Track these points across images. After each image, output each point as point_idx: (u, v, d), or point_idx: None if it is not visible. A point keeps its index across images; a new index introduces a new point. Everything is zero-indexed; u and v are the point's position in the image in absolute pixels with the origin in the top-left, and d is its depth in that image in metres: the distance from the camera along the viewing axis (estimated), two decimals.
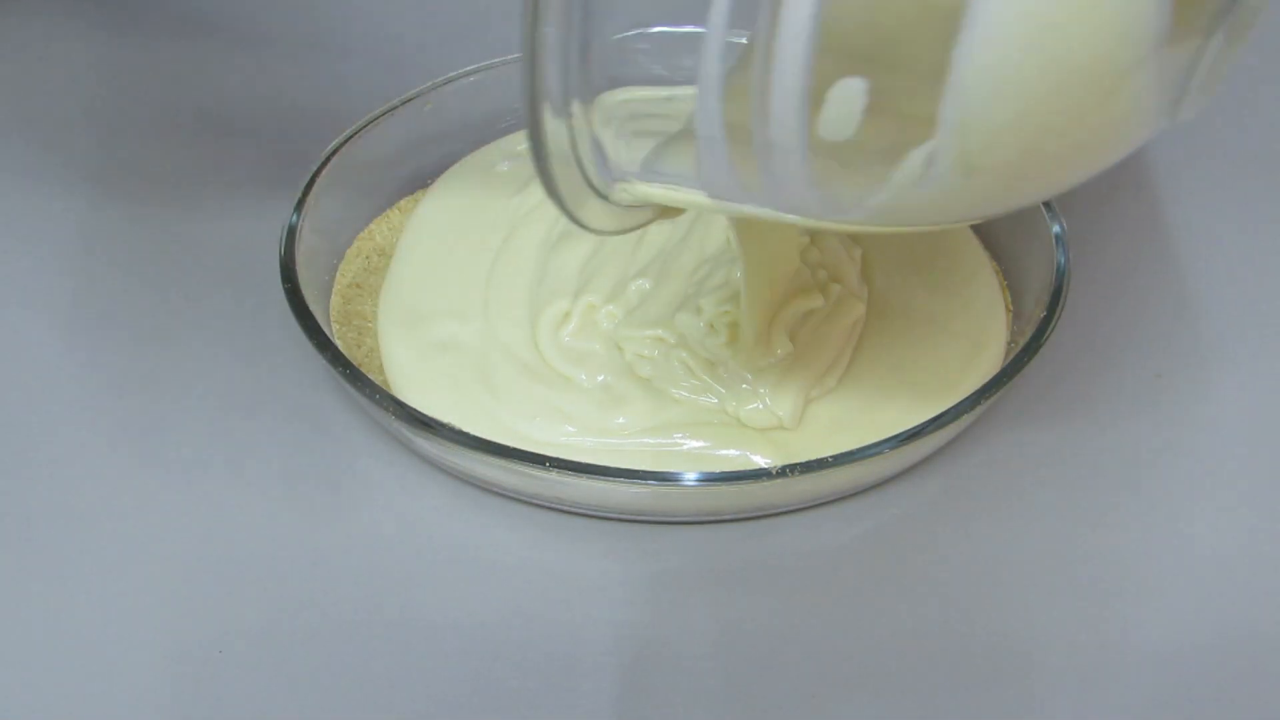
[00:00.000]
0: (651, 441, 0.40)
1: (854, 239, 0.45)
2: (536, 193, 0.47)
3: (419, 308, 0.44)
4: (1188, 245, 0.47)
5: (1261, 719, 0.36)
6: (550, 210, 0.46)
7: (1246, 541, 0.39)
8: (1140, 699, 0.36)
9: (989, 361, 0.42)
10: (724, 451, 0.39)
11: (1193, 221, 0.48)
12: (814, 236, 0.45)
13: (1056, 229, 0.43)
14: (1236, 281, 0.46)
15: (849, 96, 0.30)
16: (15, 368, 0.43)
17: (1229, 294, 0.46)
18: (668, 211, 0.37)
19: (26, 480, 0.40)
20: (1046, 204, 0.43)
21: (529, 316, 0.43)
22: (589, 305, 0.43)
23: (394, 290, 0.44)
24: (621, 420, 0.40)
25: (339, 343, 0.41)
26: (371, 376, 0.39)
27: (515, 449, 0.37)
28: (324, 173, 0.44)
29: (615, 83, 0.34)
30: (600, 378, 0.41)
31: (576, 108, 0.32)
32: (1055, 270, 0.42)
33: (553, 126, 0.32)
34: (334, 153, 0.45)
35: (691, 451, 0.39)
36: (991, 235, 0.46)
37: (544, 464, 0.37)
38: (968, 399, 0.38)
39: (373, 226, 0.47)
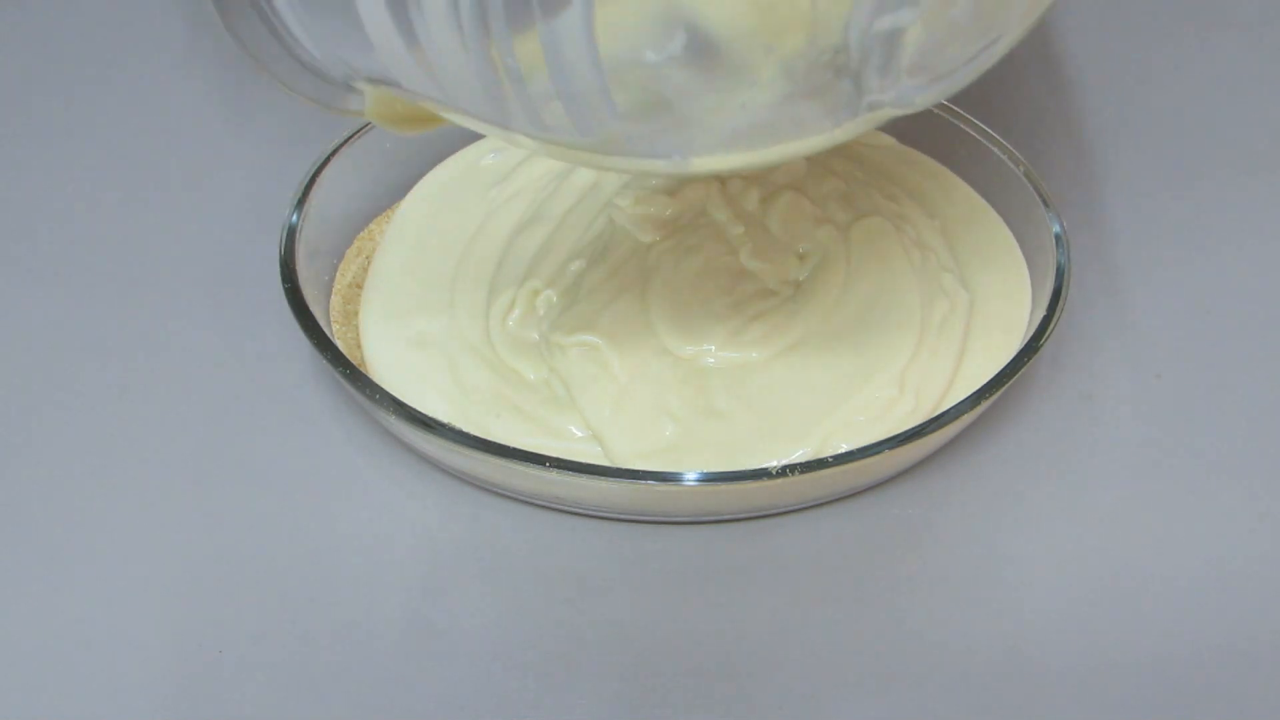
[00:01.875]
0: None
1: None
2: (515, 181, 0.47)
3: (396, 304, 0.43)
4: (1188, 245, 0.47)
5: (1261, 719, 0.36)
6: (525, 198, 0.46)
7: (1246, 541, 0.39)
8: (1140, 699, 0.36)
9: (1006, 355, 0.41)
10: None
11: (1192, 221, 0.48)
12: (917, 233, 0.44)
13: (1056, 229, 0.43)
14: (1236, 281, 0.46)
15: None
16: (15, 367, 0.43)
17: (1229, 294, 0.46)
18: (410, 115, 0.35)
19: (27, 480, 0.40)
20: (1046, 204, 0.43)
21: (485, 307, 0.43)
22: (532, 290, 0.43)
23: (374, 286, 0.44)
24: (573, 428, 0.40)
25: (339, 343, 0.41)
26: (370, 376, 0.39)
27: (515, 449, 0.37)
28: (324, 173, 0.44)
29: None
30: (543, 373, 0.41)
31: None
32: (1055, 270, 0.42)
33: None
34: (334, 152, 0.45)
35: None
36: None
37: (544, 464, 0.37)
38: (968, 399, 0.38)
39: (373, 226, 0.47)
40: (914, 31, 0.31)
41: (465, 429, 0.38)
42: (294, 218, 0.43)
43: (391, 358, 0.42)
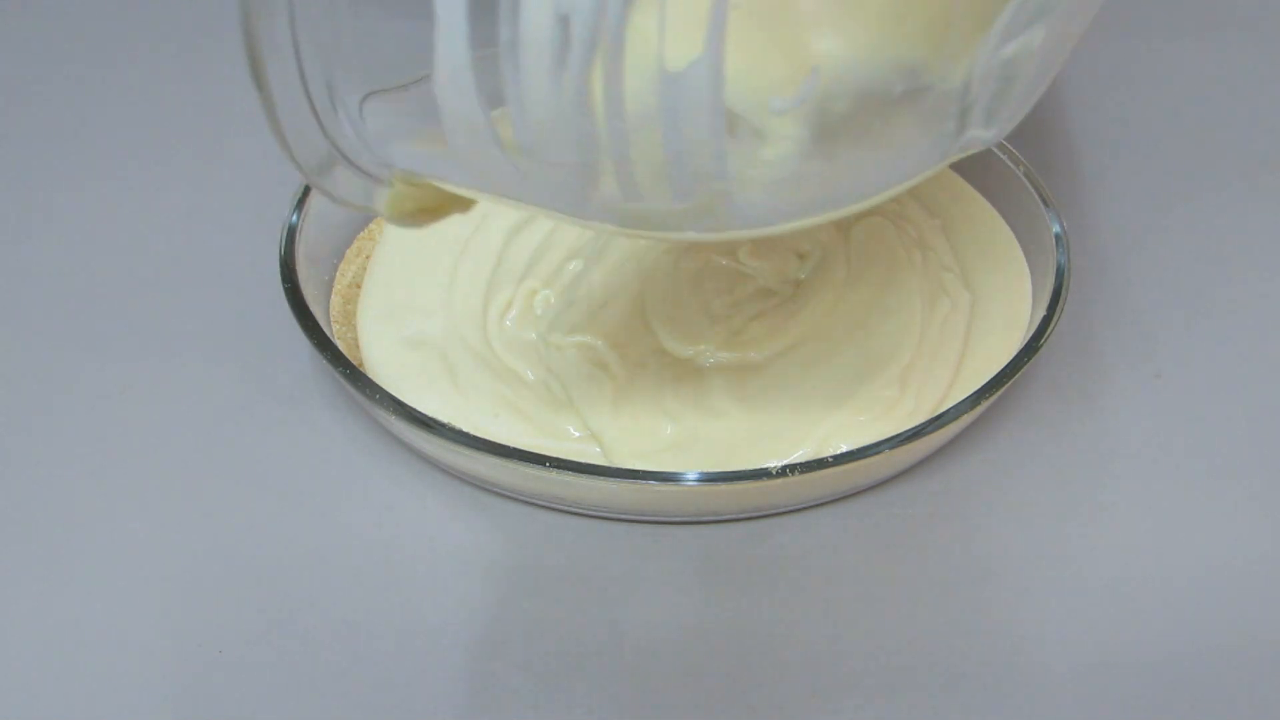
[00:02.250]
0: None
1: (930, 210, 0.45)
2: None
3: (393, 303, 0.43)
4: (1187, 245, 0.47)
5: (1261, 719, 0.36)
6: None
7: (1247, 541, 0.39)
8: (1140, 699, 0.36)
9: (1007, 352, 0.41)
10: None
11: (1192, 221, 0.48)
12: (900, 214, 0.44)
13: (1056, 229, 0.43)
14: (1236, 281, 0.46)
15: None
16: (15, 366, 0.43)
17: (1229, 293, 0.46)
18: (453, 201, 0.34)
19: (27, 480, 0.40)
20: (1046, 203, 0.43)
21: (483, 306, 0.43)
22: (530, 290, 0.43)
23: (372, 286, 0.44)
24: (570, 428, 0.40)
25: (339, 343, 0.41)
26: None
27: (515, 449, 0.37)
28: None
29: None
30: (541, 373, 0.41)
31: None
32: (1055, 270, 0.42)
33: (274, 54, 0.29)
34: None
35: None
36: None
37: (544, 464, 0.37)
38: (967, 399, 0.38)
39: (373, 226, 0.47)
40: (1029, 60, 0.30)
41: (463, 429, 0.38)
42: (294, 218, 0.43)
43: (389, 357, 0.42)
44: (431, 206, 0.34)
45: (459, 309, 0.43)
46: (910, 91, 0.31)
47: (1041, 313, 0.41)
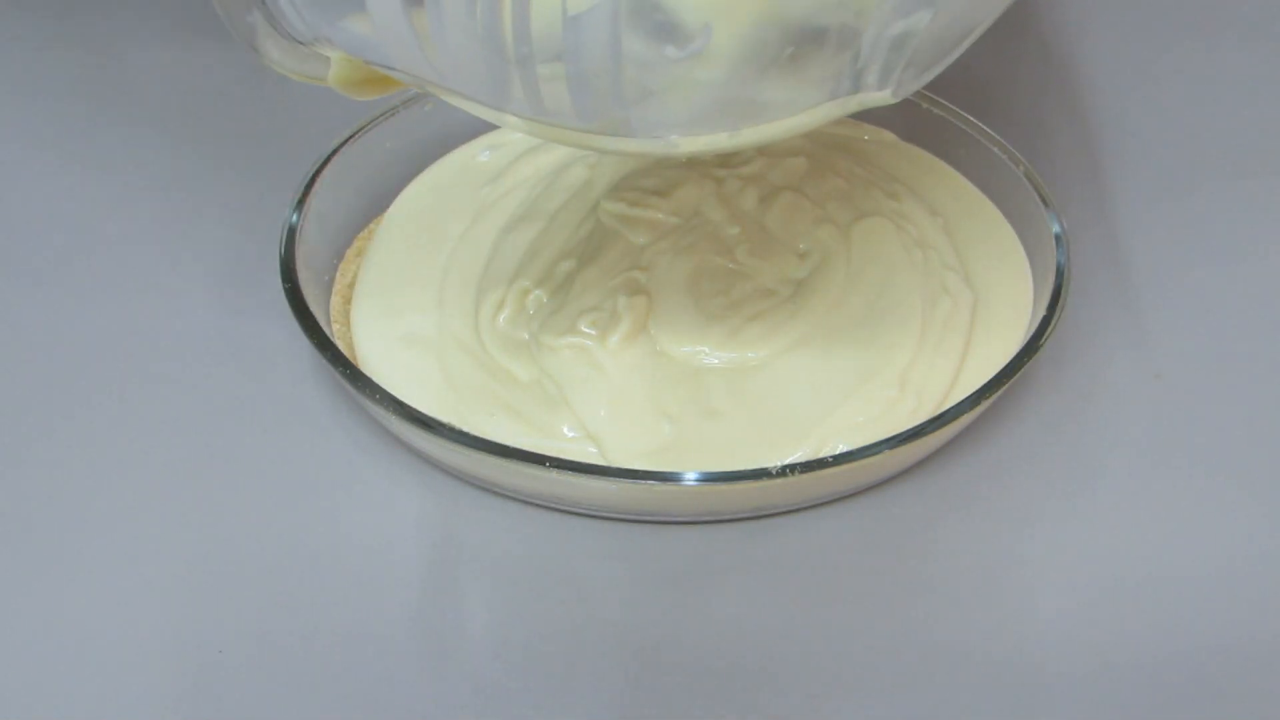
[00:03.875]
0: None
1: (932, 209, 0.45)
2: (507, 179, 0.47)
3: (387, 302, 0.43)
4: (1187, 245, 0.47)
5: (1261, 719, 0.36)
6: (516, 196, 0.46)
7: (1247, 541, 0.39)
8: (1140, 699, 0.36)
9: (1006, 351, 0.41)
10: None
11: (1192, 221, 0.48)
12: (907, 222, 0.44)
13: (1056, 229, 0.43)
14: (1236, 281, 0.46)
15: None
16: (15, 367, 0.43)
17: (1229, 293, 0.46)
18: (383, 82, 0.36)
19: (27, 480, 0.40)
20: (1046, 203, 0.43)
21: (475, 305, 0.43)
22: (522, 289, 0.43)
23: (366, 284, 0.44)
24: (565, 428, 0.40)
25: (339, 343, 0.41)
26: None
27: (515, 449, 0.37)
28: (324, 173, 0.44)
29: None
30: (535, 372, 0.41)
31: None
32: (1055, 270, 0.42)
33: None
34: (334, 153, 0.45)
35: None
36: None
37: (544, 464, 0.37)
38: (967, 399, 0.38)
39: (373, 226, 0.47)
40: (917, 38, 0.31)
41: (461, 428, 0.38)
42: (294, 218, 0.43)
43: (383, 356, 0.42)
44: (377, 78, 0.35)
45: (451, 308, 0.43)
46: (799, 55, 0.32)
47: (1041, 313, 0.41)
